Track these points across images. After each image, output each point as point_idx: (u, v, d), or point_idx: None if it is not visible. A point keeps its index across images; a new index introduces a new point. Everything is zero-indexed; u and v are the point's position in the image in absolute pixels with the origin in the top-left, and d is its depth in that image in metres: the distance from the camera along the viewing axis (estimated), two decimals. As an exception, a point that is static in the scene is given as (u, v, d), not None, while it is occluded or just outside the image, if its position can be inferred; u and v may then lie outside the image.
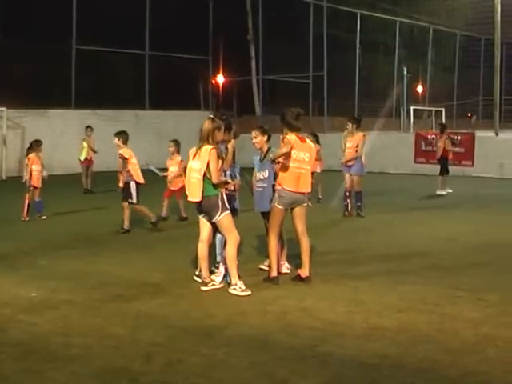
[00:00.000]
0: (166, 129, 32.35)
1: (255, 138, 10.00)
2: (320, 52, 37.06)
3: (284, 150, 9.33)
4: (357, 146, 16.08)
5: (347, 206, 16.34)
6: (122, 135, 14.17)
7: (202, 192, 9.03)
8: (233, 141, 9.82)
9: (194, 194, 9.15)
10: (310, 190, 9.71)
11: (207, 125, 9.15)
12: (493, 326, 7.49)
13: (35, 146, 16.13)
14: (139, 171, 14.00)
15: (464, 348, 6.80)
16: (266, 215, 9.89)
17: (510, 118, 46.55)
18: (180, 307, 8.38)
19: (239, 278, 9.05)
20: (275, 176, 9.64)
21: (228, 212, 9.15)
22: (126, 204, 13.91)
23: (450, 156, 22.02)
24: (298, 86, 39.21)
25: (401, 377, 6.14)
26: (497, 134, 30.38)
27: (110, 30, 34.65)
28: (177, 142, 16.01)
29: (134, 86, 37.51)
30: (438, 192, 21.06)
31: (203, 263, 9.41)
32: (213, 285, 9.25)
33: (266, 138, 9.99)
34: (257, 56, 40.31)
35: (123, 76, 39.96)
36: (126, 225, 13.89)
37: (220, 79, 41.23)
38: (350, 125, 16.38)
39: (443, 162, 21.61)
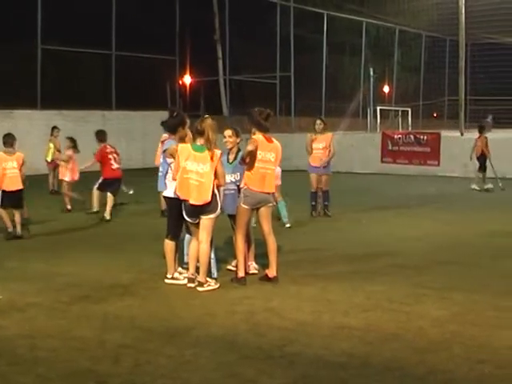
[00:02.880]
0: (133, 129, 32.27)
1: (230, 137, 9.94)
2: (287, 52, 37.16)
3: (249, 147, 9.33)
4: (328, 146, 16.10)
5: (315, 205, 16.36)
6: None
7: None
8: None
9: (202, 197, 9.02)
10: (273, 191, 9.72)
11: (210, 124, 9.14)
12: (459, 323, 7.54)
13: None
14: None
15: (431, 346, 6.84)
16: (233, 217, 9.88)
17: (475, 118, 46.94)
18: (147, 308, 8.34)
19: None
20: None
21: (220, 212, 9.20)
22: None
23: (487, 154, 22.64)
24: (266, 87, 39.26)
25: (369, 375, 6.16)
26: (462, 134, 30.65)
27: (76, 30, 34.38)
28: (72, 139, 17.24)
29: (100, 86, 37.30)
30: (473, 186, 22.31)
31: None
32: (209, 285, 9.22)
33: (238, 139, 9.97)
34: (224, 56, 40.29)
35: (90, 76, 39.67)
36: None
37: (187, 79, 41.11)
38: (319, 122, 16.30)
39: (482, 160, 22.44)
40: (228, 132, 9.94)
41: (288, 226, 14.22)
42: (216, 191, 9.12)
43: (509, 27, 37.08)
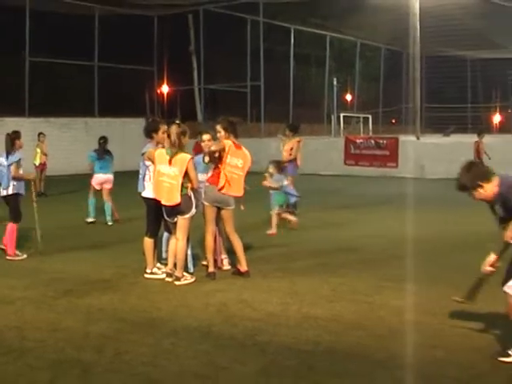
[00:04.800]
0: (114, 135, 32.03)
1: (209, 141, 9.93)
2: (257, 63, 37.13)
3: (213, 148, 9.37)
4: (291, 149, 16.12)
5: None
6: None
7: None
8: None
9: (172, 198, 9.03)
10: (240, 195, 9.65)
11: (176, 130, 9.10)
12: (415, 313, 7.58)
13: None
14: None
15: (390, 334, 6.88)
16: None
17: (430, 123, 47.24)
18: (129, 301, 8.31)
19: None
20: None
21: (195, 211, 9.16)
22: None
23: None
24: (237, 95, 39.24)
25: (333, 361, 6.18)
26: (418, 138, 30.84)
27: (61, 43, 34.31)
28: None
29: (84, 95, 37.11)
30: None
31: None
32: (185, 279, 9.20)
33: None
34: (199, 67, 40.21)
35: (74, 86, 39.50)
36: None
37: (165, 88, 41.01)
38: (288, 131, 16.40)
39: None
40: (207, 136, 10.00)
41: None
42: (191, 193, 9.11)
43: (458, 41, 37.38)
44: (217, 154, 9.38)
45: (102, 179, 15.10)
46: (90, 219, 14.97)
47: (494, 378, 5.86)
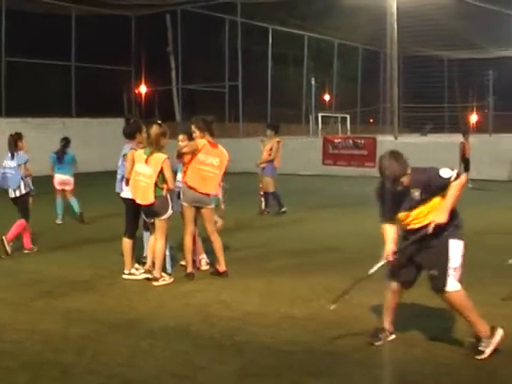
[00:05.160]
0: (92, 135, 32.00)
1: (182, 141, 9.99)
2: (235, 63, 37.14)
3: (185, 149, 9.41)
4: (270, 149, 16.16)
5: (262, 204, 16.45)
6: None
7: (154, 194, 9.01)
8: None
9: (147, 197, 9.06)
10: (215, 193, 9.63)
11: (155, 130, 9.10)
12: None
13: None
14: None
15: (367, 332, 6.88)
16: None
17: (408, 123, 47.46)
18: (107, 302, 8.30)
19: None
20: None
21: (171, 212, 9.16)
22: None
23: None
24: (215, 95, 39.23)
25: (312, 361, 6.22)
26: (396, 138, 30.99)
27: (38, 43, 34.11)
28: None
29: (62, 95, 36.93)
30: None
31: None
32: (163, 280, 9.20)
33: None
34: (177, 67, 40.19)
35: (51, 86, 39.26)
36: None
37: (143, 89, 40.91)
38: (269, 131, 16.48)
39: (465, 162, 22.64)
40: (181, 137, 10.03)
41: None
42: (167, 194, 9.10)
43: (435, 41, 37.59)
44: (189, 156, 9.41)
45: (60, 180, 15.28)
46: (58, 221, 15.06)
47: (471, 375, 5.92)
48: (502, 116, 43.68)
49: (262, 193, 16.44)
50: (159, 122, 9.44)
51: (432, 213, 6.20)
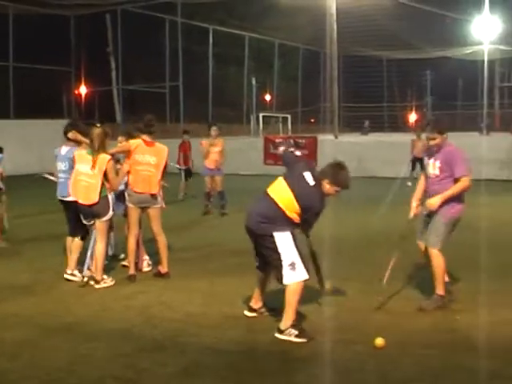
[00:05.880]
0: (30, 137, 31.47)
1: (121, 142, 9.92)
2: (176, 63, 37.00)
3: (115, 149, 9.42)
4: (221, 150, 16.27)
5: (208, 205, 16.41)
6: None
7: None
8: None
9: (90, 197, 8.93)
10: (155, 192, 9.53)
11: (98, 131, 8.98)
12: (337, 308, 7.65)
13: None
14: None
15: (310, 331, 6.88)
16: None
17: (348, 122, 47.94)
18: (45, 306, 8.13)
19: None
20: None
21: (112, 213, 9.06)
22: None
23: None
24: (156, 95, 39.05)
25: (255, 360, 6.22)
26: (336, 137, 31.25)
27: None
28: None
29: (-1, 96, 36.33)
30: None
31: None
32: (105, 282, 9.08)
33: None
34: (117, 67, 39.89)
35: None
36: None
37: (83, 89, 40.49)
38: (214, 128, 16.42)
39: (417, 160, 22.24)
40: (120, 138, 10.10)
41: None
42: (109, 195, 9.01)
43: (374, 41, 38.03)
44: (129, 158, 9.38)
45: None
46: None
47: (413, 370, 5.98)
48: (440, 115, 44.46)
49: (209, 192, 16.43)
50: (98, 124, 9.35)
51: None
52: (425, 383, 5.76)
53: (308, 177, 7.03)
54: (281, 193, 7.04)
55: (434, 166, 7.79)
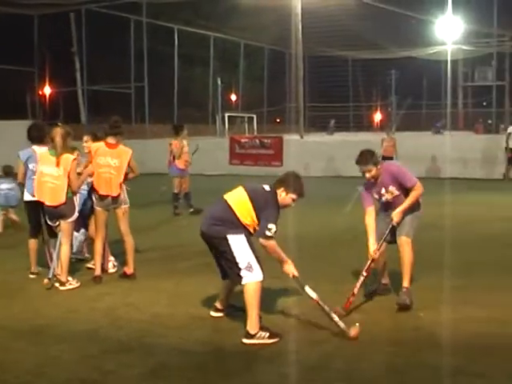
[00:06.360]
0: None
1: (86, 142, 9.89)
2: (141, 64, 36.85)
3: (82, 177, 9.38)
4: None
5: (177, 206, 16.40)
6: None
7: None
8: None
9: (57, 198, 8.85)
10: (115, 195, 9.39)
11: (60, 131, 8.93)
12: (302, 309, 7.68)
13: None
14: None
15: (278, 330, 6.91)
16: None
17: (313, 122, 48.08)
18: (13, 309, 8.08)
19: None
20: None
21: (77, 215, 9.04)
22: None
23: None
24: (121, 96, 38.83)
25: (222, 360, 6.26)
26: (302, 137, 31.37)
27: None
28: None
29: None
30: None
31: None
32: (70, 284, 9.04)
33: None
34: (81, 68, 39.61)
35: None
36: None
37: (47, 90, 40.16)
38: (185, 131, 16.74)
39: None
40: (85, 137, 10.02)
41: None
42: (73, 196, 8.99)
43: (339, 42, 38.20)
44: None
45: None
46: None
47: (378, 368, 6.05)
48: (405, 114, 44.86)
49: (178, 193, 16.46)
50: (59, 124, 9.31)
51: None
52: (390, 381, 5.84)
53: (265, 185, 7.20)
54: (237, 197, 7.16)
55: (389, 192, 7.94)
